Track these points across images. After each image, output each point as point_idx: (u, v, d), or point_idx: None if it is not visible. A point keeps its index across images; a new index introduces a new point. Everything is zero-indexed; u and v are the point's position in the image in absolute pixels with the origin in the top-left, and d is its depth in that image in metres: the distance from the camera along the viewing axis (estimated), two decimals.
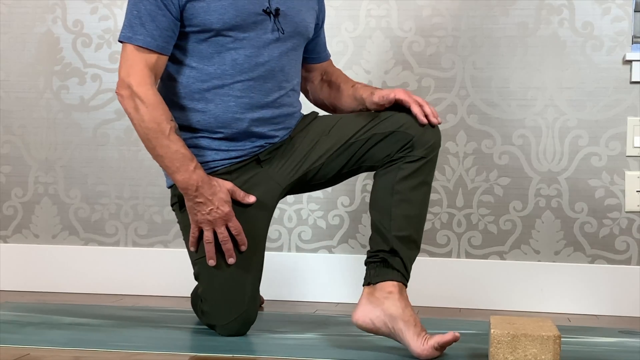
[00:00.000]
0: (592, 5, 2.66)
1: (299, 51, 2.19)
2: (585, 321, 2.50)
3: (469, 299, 2.68)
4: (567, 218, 2.68)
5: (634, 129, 2.65)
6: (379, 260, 1.97)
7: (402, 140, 2.01)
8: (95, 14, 2.84)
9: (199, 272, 2.11)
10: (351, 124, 2.10)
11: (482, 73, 2.71)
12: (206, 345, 2.00)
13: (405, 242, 1.97)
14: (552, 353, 1.77)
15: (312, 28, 2.22)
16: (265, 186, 2.11)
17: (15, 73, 2.87)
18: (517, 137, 2.70)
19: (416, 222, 2.00)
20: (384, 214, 1.99)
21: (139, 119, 2.00)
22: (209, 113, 2.08)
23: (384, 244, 1.97)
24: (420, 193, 2.00)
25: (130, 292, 2.79)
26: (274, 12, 2.09)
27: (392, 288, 1.94)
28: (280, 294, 2.73)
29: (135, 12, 2.02)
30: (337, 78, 2.29)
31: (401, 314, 1.90)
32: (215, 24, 2.04)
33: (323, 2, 2.30)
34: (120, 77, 2.02)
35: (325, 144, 2.11)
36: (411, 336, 1.87)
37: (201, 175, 2.02)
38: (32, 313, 2.35)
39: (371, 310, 1.94)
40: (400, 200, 1.98)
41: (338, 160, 2.10)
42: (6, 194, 2.88)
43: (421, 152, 2.00)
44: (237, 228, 2.05)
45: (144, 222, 2.83)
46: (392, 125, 2.03)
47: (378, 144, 2.04)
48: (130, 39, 2.02)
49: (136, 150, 2.83)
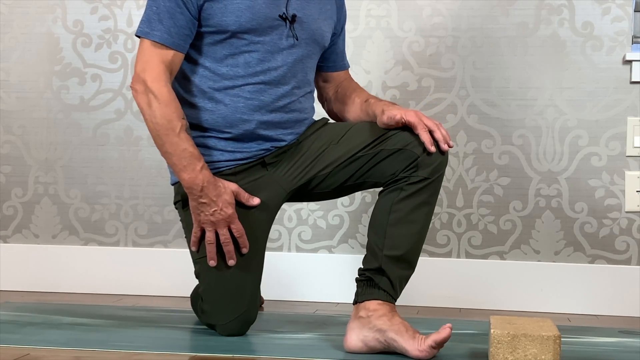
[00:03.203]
0: (592, 5, 2.66)
1: (314, 59, 2.18)
2: (585, 321, 2.50)
3: (469, 299, 2.68)
4: (567, 218, 2.68)
5: (634, 129, 2.65)
6: (365, 279, 1.98)
7: (407, 159, 1.98)
8: (95, 14, 2.84)
9: (199, 272, 2.11)
10: (360, 136, 2.08)
11: (482, 73, 2.71)
12: (206, 345, 2.00)
13: (395, 262, 1.95)
14: (552, 353, 1.77)
15: (329, 37, 2.20)
16: (270, 189, 2.11)
17: (15, 73, 2.87)
18: (517, 137, 2.70)
19: (413, 241, 1.97)
20: (379, 233, 1.97)
21: (151, 115, 2.01)
22: (218, 112, 2.08)
23: (374, 262, 1.97)
24: (419, 213, 1.97)
25: (130, 292, 2.79)
26: (290, 19, 2.09)
27: (377, 306, 1.93)
28: (280, 294, 2.73)
29: (154, 8, 2.03)
30: (352, 92, 2.25)
31: (389, 325, 1.89)
32: (231, 25, 2.04)
33: (344, 12, 2.29)
34: (136, 72, 2.03)
35: (334, 153, 2.09)
36: (406, 341, 1.87)
37: (207, 175, 2.02)
38: (32, 313, 2.35)
39: (360, 332, 1.93)
40: (396, 219, 1.96)
41: (344, 172, 2.09)
42: (6, 194, 2.88)
43: (425, 172, 1.97)
44: (239, 230, 2.05)
45: (144, 222, 2.83)
46: (400, 142, 2.00)
47: (384, 161, 2.02)
48: (148, 34, 2.03)
49: (136, 150, 2.83)
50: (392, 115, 2.01)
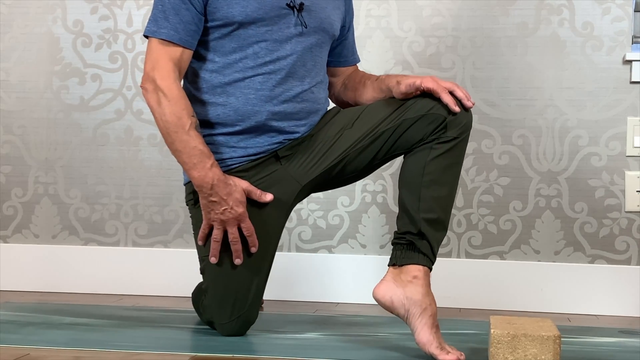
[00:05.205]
0: (592, 5, 2.66)
1: (324, 48, 2.17)
2: (585, 321, 2.50)
3: (469, 299, 2.68)
4: (567, 218, 2.68)
5: (634, 129, 2.65)
6: (406, 243, 1.95)
7: (434, 122, 1.97)
8: (95, 14, 2.84)
9: (204, 268, 2.11)
10: (377, 113, 2.06)
11: (482, 73, 2.71)
12: (206, 345, 2.00)
13: (433, 225, 1.94)
14: (552, 353, 1.77)
15: (338, 27, 2.20)
16: (283, 184, 2.09)
17: (15, 73, 2.87)
18: (517, 137, 2.70)
19: (445, 204, 1.97)
20: (413, 194, 1.96)
21: (161, 113, 2.00)
22: (229, 106, 2.07)
23: (412, 226, 1.95)
24: (450, 174, 1.97)
25: (130, 292, 2.79)
26: (298, 7, 2.09)
27: (417, 272, 1.92)
28: (280, 294, 2.73)
29: (160, 6, 2.04)
30: (362, 77, 2.25)
31: (421, 300, 1.89)
32: (238, 16, 2.04)
33: (351, 6, 2.28)
34: (145, 71, 2.03)
35: (349, 137, 2.07)
36: (422, 325, 1.86)
37: (217, 173, 2.01)
38: (32, 313, 2.35)
39: (393, 289, 1.92)
40: (430, 181, 1.95)
41: (368, 150, 2.06)
42: (6, 194, 2.88)
43: (454, 132, 1.96)
44: (249, 229, 2.04)
45: (144, 222, 2.83)
46: (422, 109, 1.99)
47: (409, 129, 2.00)
48: (155, 32, 2.03)
49: (136, 150, 2.83)
50: (411, 82, 2.01)
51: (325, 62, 2.20)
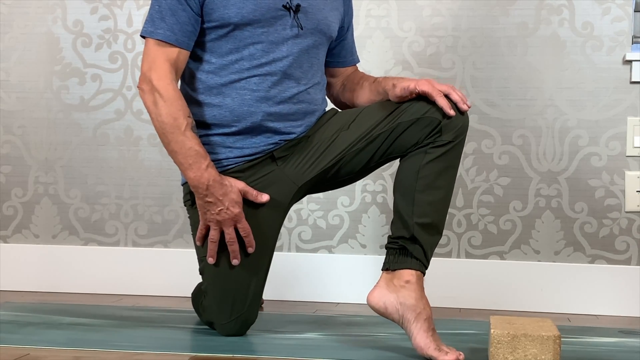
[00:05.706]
0: (592, 5, 2.66)
1: (321, 50, 2.17)
2: (585, 321, 2.50)
3: (469, 299, 2.68)
4: (567, 218, 2.68)
5: (634, 129, 2.65)
6: (399, 248, 1.95)
7: (429, 125, 1.96)
8: (95, 14, 2.84)
9: (203, 269, 2.11)
10: (373, 115, 2.06)
11: (482, 73, 2.71)
12: (206, 345, 2.00)
13: (426, 229, 1.94)
14: (552, 353, 1.77)
15: (336, 28, 2.20)
16: (279, 185, 2.09)
17: (15, 73, 2.87)
18: (517, 137, 2.70)
19: (440, 208, 1.97)
20: (407, 198, 1.96)
21: (157, 113, 2.01)
22: (225, 107, 2.07)
23: (405, 231, 1.95)
24: (445, 178, 1.97)
25: (130, 292, 2.79)
26: (294, 8, 2.09)
27: (410, 277, 1.92)
28: (280, 294, 2.73)
29: (157, 7, 2.04)
30: (360, 78, 2.24)
31: (414, 305, 1.89)
32: (234, 17, 2.04)
33: (350, 6, 2.28)
34: (142, 72, 2.03)
35: (345, 139, 2.07)
36: (418, 329, 1.86)
37: (213, 174, 2.01)
38: (32, 313, 2.35)
39: (386, 295, 1.92)
40: (424, 185, 1.95)
41: (363, 153, 2.06)
42: (6, 194, 2.88)
43: (449, 136, 1.95)
44: (245, 230, 2.04)
45: (144, 222, 2.83)
46: (417, 112, 1.98)
47: (404, 133, 2.00)
48: (152, 33, 2.03)
49: (136, 150, 2.83)
50: (405, 86, 2.00)
51: (323, 63, 2.20)
